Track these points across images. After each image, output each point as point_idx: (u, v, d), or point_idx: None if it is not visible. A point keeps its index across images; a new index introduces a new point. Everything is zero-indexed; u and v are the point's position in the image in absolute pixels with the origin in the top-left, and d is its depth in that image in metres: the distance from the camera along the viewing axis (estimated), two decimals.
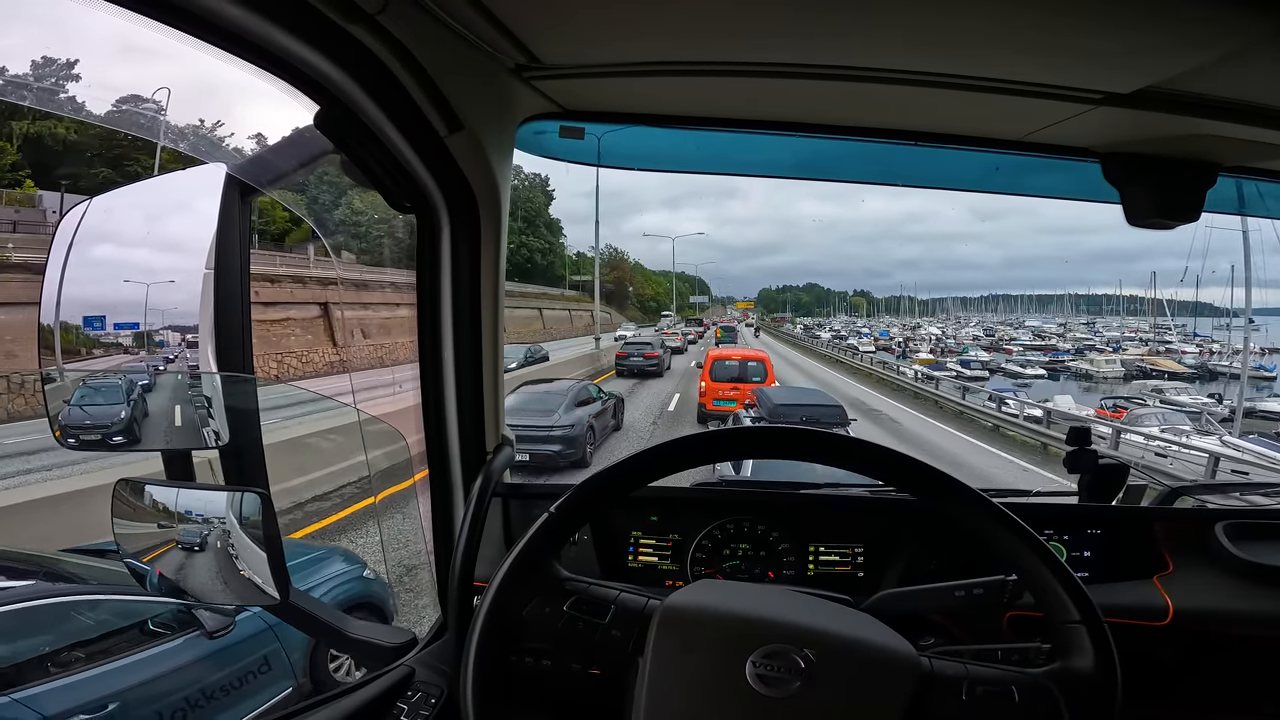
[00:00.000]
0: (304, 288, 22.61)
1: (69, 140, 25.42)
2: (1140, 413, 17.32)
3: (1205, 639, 1.19)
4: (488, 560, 1.05)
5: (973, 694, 0.73)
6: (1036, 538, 0.80)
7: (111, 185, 1.08)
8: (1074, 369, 45.76)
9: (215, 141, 1.26)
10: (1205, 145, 1.14)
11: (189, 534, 0.92)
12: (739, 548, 1.30)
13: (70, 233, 0.88)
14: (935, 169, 1.38)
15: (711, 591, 0.86)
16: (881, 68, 0.99)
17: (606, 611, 0.82)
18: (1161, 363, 44.46)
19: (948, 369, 32.88)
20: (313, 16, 0.71)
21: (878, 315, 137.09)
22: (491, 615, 0.78)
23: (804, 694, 0.71)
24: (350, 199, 1.29)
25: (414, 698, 0.97)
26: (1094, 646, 0.75)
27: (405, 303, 1.15)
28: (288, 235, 25.47)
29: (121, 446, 1.02)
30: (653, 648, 0.77)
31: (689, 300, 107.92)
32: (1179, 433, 14.15)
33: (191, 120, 2.34)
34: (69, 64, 17.66)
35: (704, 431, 0.88)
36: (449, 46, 0.88)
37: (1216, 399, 26.37)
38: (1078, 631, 0.76)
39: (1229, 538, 1.25)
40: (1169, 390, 25.98)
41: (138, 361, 1.01)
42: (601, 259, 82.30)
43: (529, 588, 0.83)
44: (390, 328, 21.38)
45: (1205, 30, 0.80)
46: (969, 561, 1.08)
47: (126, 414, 1.00)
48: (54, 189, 22.55)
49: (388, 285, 11.59)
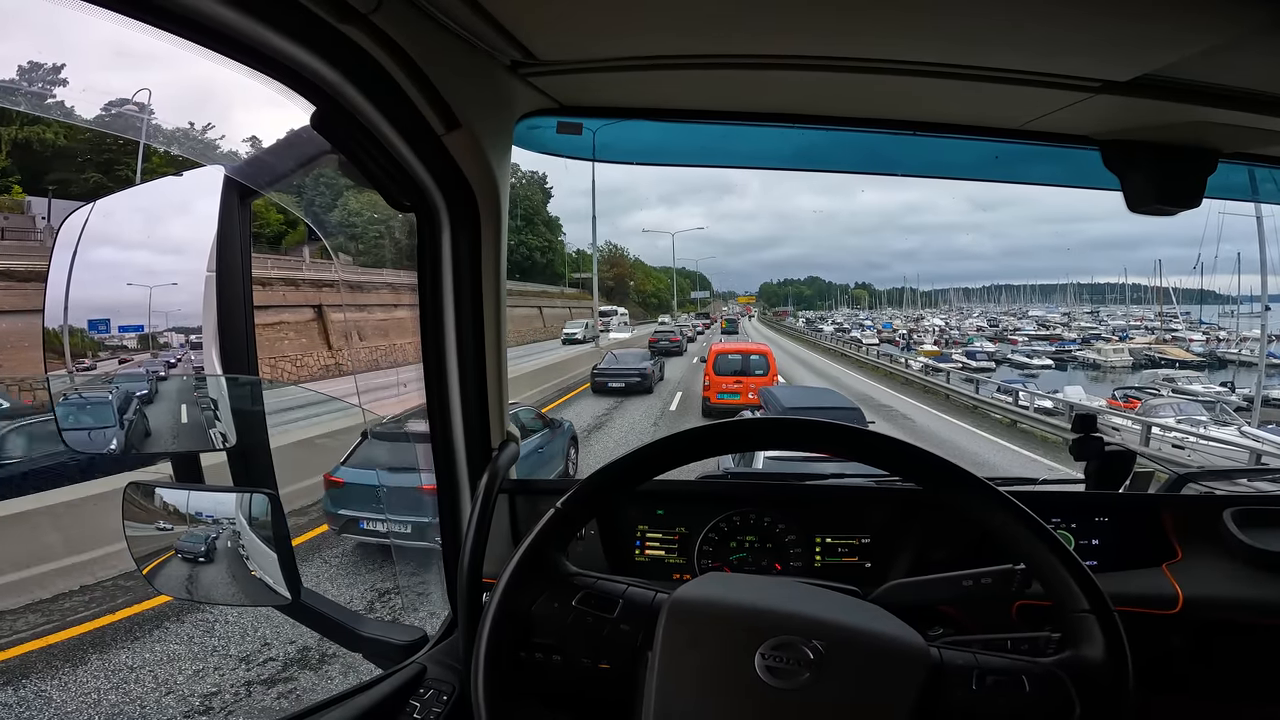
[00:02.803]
0: (297, 290, 22.63)
1: (58, 145, 25.40)
2: (1155, 403, 16.93)
3: (1216, 627, 1.19)
4: (496, 557, 1.07)
5: (983, 684, 0.74)
6: (1044, 526, 0.80)
7: (103, 190, 1.09)
8: (1081, 359, 45.73)
9: (210, 144, 1.28)
10: (1205, 132, 1.15)
11: (199, 537, 0.94)
12: (746, 540, 1.32)
13: (74, 237, 0.90)
14: (934, 158, 1.39)
15: (719, 584, 0.87)
16: (879, 58, 1.00)
17: (615, 606, 0.83)
18: (1170, 351, 44.41)
19: (953, 360, 32.87)
20: (306, 17, 0.71)
21: (880, 307, 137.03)
22: (501, 611, 0.79)
23: (814, 685, 0.72)
24: (346, 200, 1.30)
25: (426, 695, 0.99)
26: (1104, 635, 0.75)
27: (402, 304, 1.16)
28: (282, 239, 25.48)
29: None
30: (661, 641, 0.77)
31: (689, 296, 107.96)
32: (1195, 423, 13.90)
33: (187, 123, 2.34)
34: (56, 68, 17.62)
35: (708, 424, 0.89)
36: (444, 44, 0.89)
37: (1229, 388, 26.12)
38: (1087, 620, 0.76)
39: (1238, 524, 1.26)
40: (1180, 379, 25.68)
41: (137, 367, 1.02)
42: (601, 256, 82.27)
43: (537, 584, 0.83)
44: (388, 330, 21.39)
45: (1202, 18, 0.81)
46: (976, 551, 1.08)
47: (120, 438, 1.01)
48: (43, 195, 22.57)
49: (383, 287, 11.67)
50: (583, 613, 0.83)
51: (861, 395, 17.50)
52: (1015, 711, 0.74)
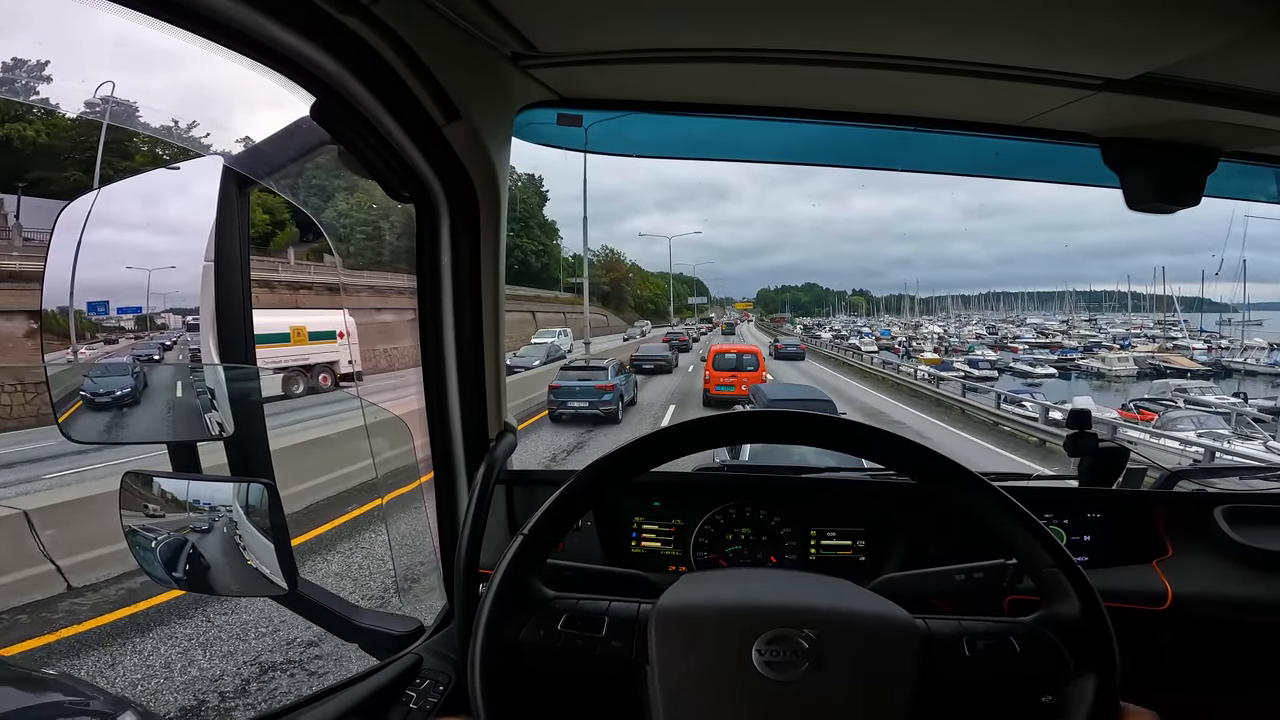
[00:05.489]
0: (271, 293, 22.59)
1: (39, 143, 25.33)
2: (1174, 415, 16.48)
3: (1204, 624, 1.22)
4: (493, 548, 1.08)
5: (974, 649, 0.77)
6: (1033, 518, 0.82)
7: (83, 188, 1.11)
8: (1085, 367, 45.78)
9: (209, 136, 1.28)
10: (1206, 131, 1.17)
11: (197, 525, 0.95)
12: (741, 532, 1.34)
13: (78, 222, 0.91)
14: (934, 154, 1.41)
15: (700, 586, 0.87)
16: (883, 53, 1.01)
17: (601, 624, 0.83)
18: (1175, 359, 44.41)
19: (955, 369, 32.89)
20: (307, 8, 0.73)
21: (877, 314, 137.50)
22: (498, 602, 0.80)
23: (815, 674, 0.74)
24: (336, 201, 1.29)
25: (422, 685, 1.00)
26: (1074, 587, 0.78)
27: (388, 306, 1.17)
28: (269, 240, 25.38)
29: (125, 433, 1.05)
30: (656, 654, 0.78)
31: (686, 301, 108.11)
32: (1218, 437, 13.52)
33: (185, 116, 2.33)
34: (43, 63, 17.57)
35: (707, 416, 0.91)
36: (445, 36, 0.90)
37: (1242, 398, 25.81)
38: (1057, 576, 0.79)
39: (1228, 522, 1.28)
40: (1193, 389, 25.08)
41: (134, 350, 1.04)
42: (597, 260, 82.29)
43: (519, 611, 0.83)
44: (370, 333, 21.32)
45: (1205, 17, 0.83)
46: (970, 545, 1.10)
47: (131, 385, 1.03)
48: (12, 193, 22.47)
49: (364, 289, 11.63)
50: (571, 636, 0.83)
51: (871, 409, 17.51)
52: (1010, 672, 0.77)
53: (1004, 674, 0.77)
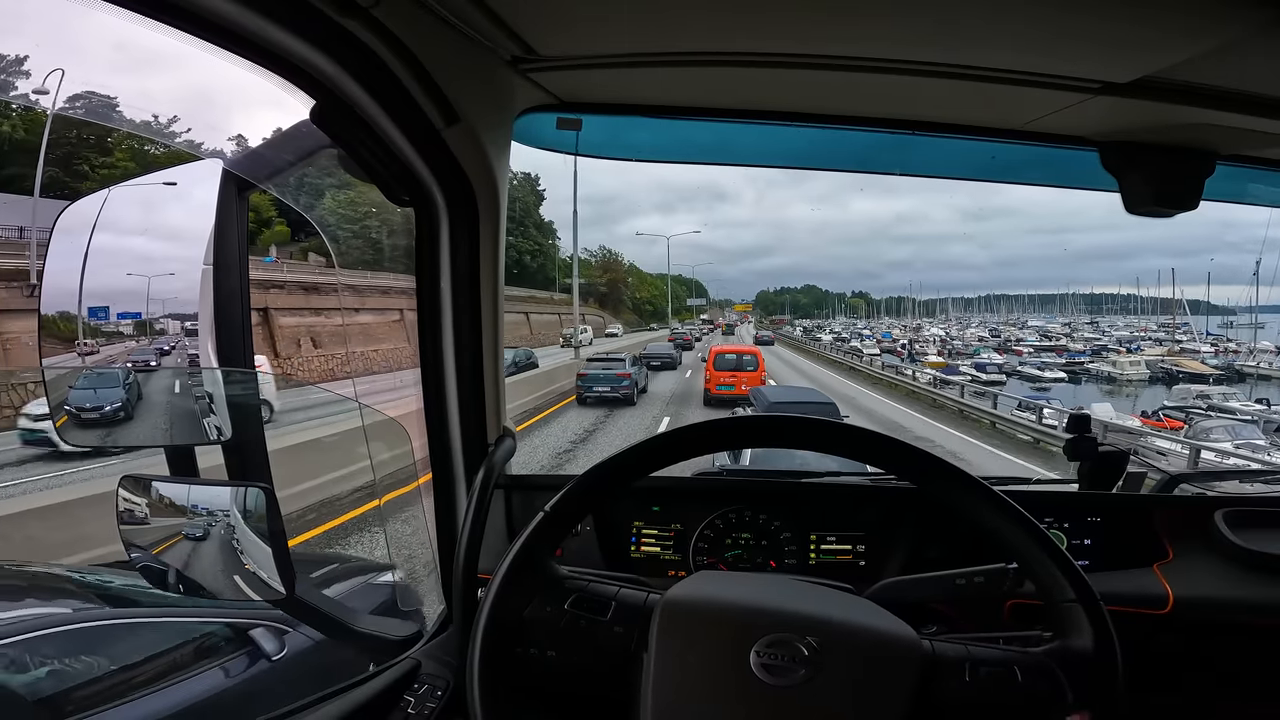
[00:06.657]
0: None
1: (15, 138, 25.22)
2: (1208, 425, 16.06)
3: (1206, 627, 1.24)
4: (491, 552, 1.10)
5: (976, 675, 0.78)
6: (1032, 521, 0.84)
7: (59, 185, 1.12)
8: (1094, 371, 45.66)
9: (206, 138, 1.30)
10: (1204, 134, 1.19)
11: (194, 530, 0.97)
12: (741, 537, 1.36)
13: (78, 225, 0.93)
14: (932, 158, 1.43)
15: (711, 583, 0.90)
16: (880, 57, 1.03)
17: (608, 608, 0.86)
18: (1187, 363, 44.16)
19: (961, 372, 32.85)
20: (307, 11, 0.74)
21: (877, 316, 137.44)
22: (496, 608, 0.82)
23: (811, 682, 0.75)
24: (325, 203, 1.31)
25: (420, 690, 1.02)
26: (1091, 625, 0.79)
27: (366, 307, 1.19)
28: (255, 239, 25.25)
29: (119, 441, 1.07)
30: (656, 642, 0.80)
31: (685, 303, 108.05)
32: (1257, 448, 13.22)
33: (185, 116, 2.33)
34: (32, 61, 17.53)
35: (706, 421, 0.93)
36: (444, 39, 0.92)
37: (1266, 403, 25.32)
38: (1074, 610, 0.80)
39: (1229, 525, 1.30)
40: (1215, 395, 24.46)
41: (131, 355, 1.06)
42: (595, 260, 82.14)
43: (529, 587, 0.86)
44: (347, 336, 20.95)
45: (1202, 20, 0.85)
46: (970, 549, 1.10)
47: (123, 397, 1.05)
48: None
49: (343, 288, 11.65)
50: (576, 616, 0.86)
51: (886, 420, 16.51)
52: (1008, 701, 0.78)
53: (1000, 704, 0.78)
